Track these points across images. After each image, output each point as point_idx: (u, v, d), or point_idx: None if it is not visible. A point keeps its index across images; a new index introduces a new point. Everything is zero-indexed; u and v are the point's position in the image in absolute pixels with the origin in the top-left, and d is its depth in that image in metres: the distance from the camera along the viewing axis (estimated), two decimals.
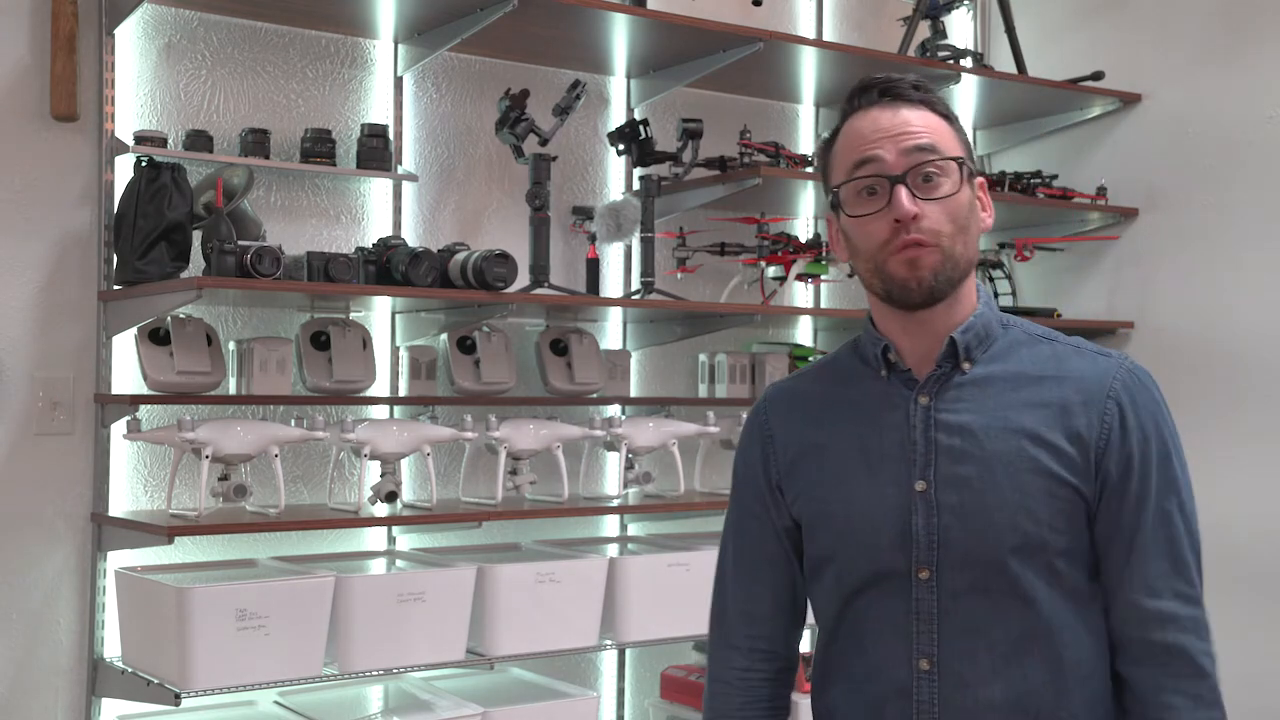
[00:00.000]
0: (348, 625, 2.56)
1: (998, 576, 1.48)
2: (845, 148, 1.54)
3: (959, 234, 1.49)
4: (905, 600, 1.51)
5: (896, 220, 1.47)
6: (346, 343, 2.80)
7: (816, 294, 3.64)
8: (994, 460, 1.48)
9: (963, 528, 1.48)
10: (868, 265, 1.52)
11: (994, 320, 1.57)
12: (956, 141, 1.53)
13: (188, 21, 2.83)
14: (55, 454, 2.66)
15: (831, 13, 3.73)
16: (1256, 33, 3.44)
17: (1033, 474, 1.47)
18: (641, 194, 3.11)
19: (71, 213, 2.68)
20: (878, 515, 1.53)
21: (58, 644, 2.66)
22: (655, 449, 3.12)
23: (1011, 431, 1.49)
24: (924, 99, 1.54)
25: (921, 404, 1.53)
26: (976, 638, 1.49)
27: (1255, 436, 3.36)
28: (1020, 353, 1.55)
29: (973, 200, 1.53)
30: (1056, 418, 1.49)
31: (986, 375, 1.53)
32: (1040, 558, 1.47)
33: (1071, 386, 1.51)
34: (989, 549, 1.47)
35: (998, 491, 1.48)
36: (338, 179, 2.96)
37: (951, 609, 1.49)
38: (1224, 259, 3.48)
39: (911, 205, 1.47)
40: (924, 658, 1.50)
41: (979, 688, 1.48)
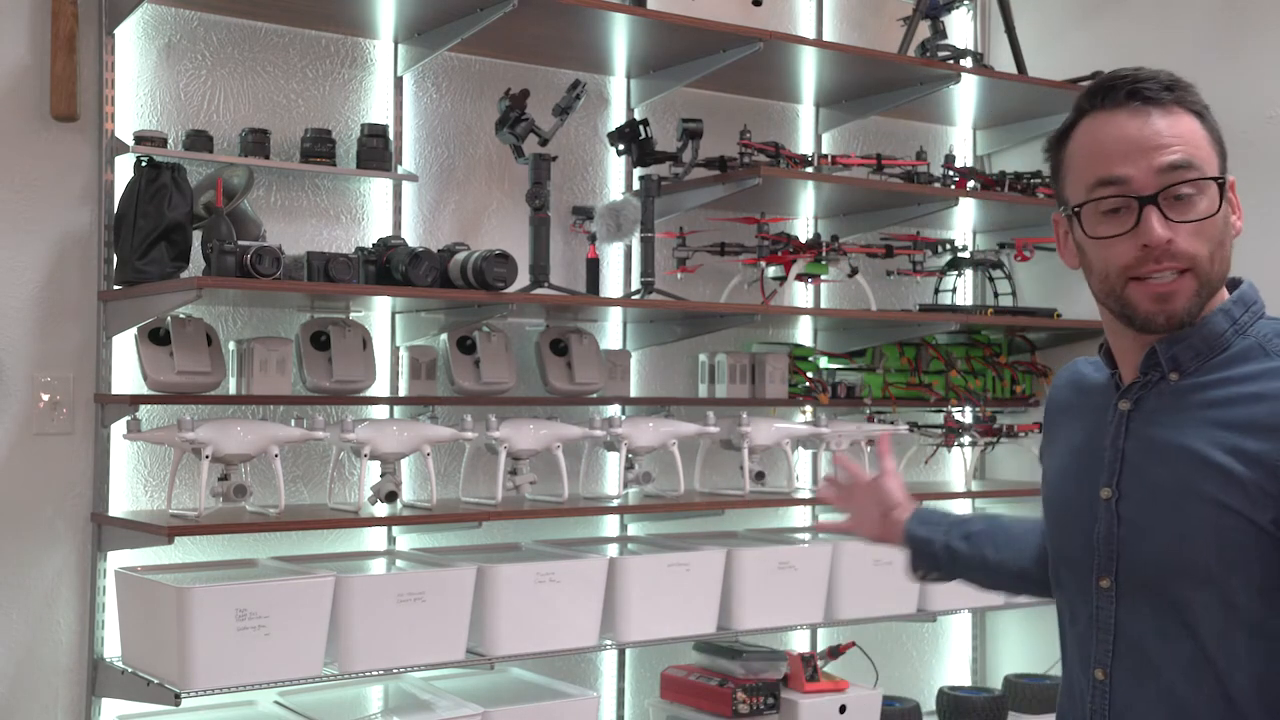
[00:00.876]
0: (348, 625, 2.56)
1: (1164, 600, 1.41)
2: (1085, 157, 1.43)
3: (1215, 253, 1.40)
4: (1088, 605, 1.48)
5: (1145, 246, 1.37)
6: (346, 343, 2.80)
7: (816, 294, 3.64)
8: (1168, 481, 1.41)
9: (1137, 544, 1.43)
10: (1104, 286, 1.43)
11: (1225, 329, 1.44)
12: (1213, 150, 1.42)
13: (188, 21, 2.83)
14: (55, 454, 2.66)
15: (831, 13, 3.73)
16: (1256, 32, 3.44)
17: (1197, 500, 1.37)
18: (641, 194, 3.11)
19: (71, 213, 2.68)
20: (1071, 517, 1.51)
21: (58, 644, 2.66)
22: (655, 449, 3.12)
23: (1184, 451, 1.40)
24: (1176, 99, 1.40)
25: (1120, 410, 1.48)
26: (1146, 658, 1.43)
27: None
28: (1241, 366, 1.41)
29: (1228, 212, 1.42)
30: (1236, 441, 1.37)
31: (1193, 386, 1.43)
32: (1209, 588, 1.38)
33: (1265, 408, 1.37)
34: (1155, 571, 1.41)
35: (1162, 515, 1.41)
36: (338, 179, 2.96)
37: (1127, 623, 1.44)
38: None
39: (1164, 231, 1.36)
40: (1099, 667, 1.46)
41: (1143, 708, 1.43)
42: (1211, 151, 1.41)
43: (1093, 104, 1.43)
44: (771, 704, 3.11)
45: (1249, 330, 1.44)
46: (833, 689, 3.15)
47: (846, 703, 3.14)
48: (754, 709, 3.08)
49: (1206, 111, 1.43)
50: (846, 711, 3.13)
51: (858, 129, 3.74)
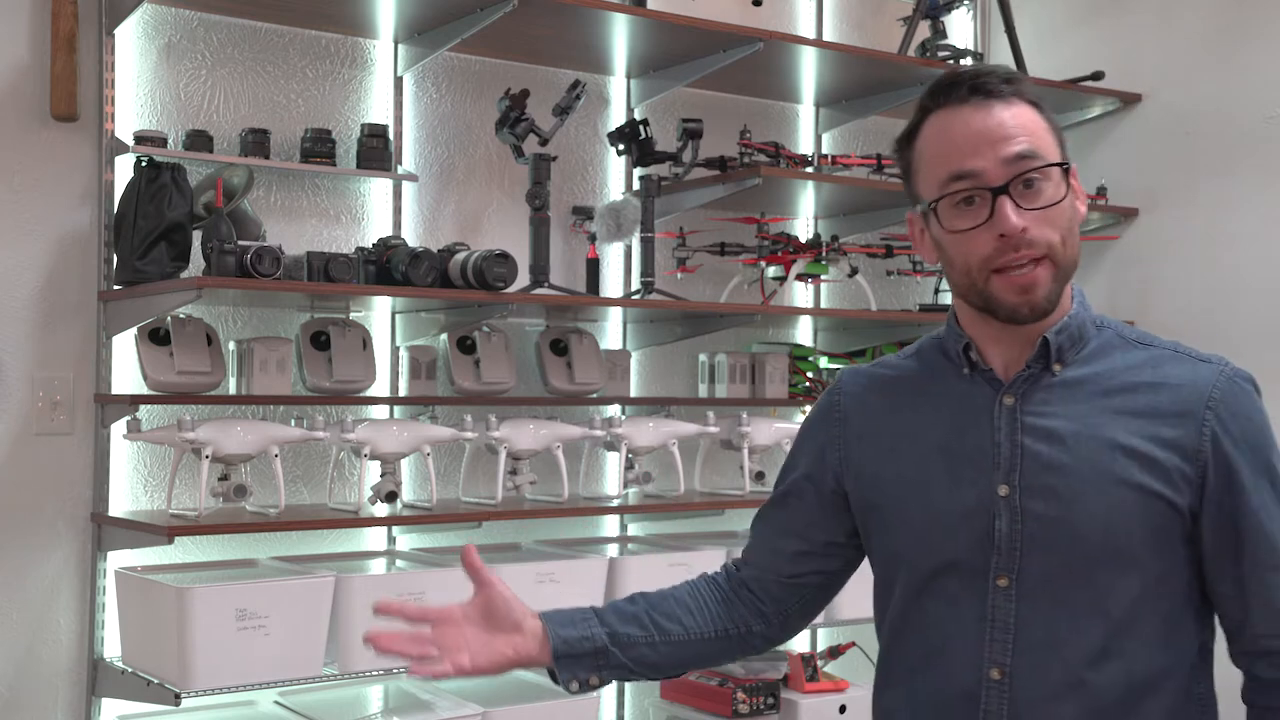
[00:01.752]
0: (348, 625, 2.56)
1: (1082, 590, 1.42)
2: (935, 154, 1.44)
3: (1066, 238, 1.42)
4: (980, 606, 1.45)
5: (1002, 235, 1.39)
6: (346, 343, 2.80)
7: (816, 294, 3.64)
8: (1084, 470, 1.42)
9: (1048, 537, 1.42)
10: (966, 280, 1.44)
11: (1088, 321, 1.49)
12: (1053, 138, 1.44)
13: (188, 21, 2.82)
14: (55, 454, 2.66)
15: (831, 13, 3.73)
16: (1256, 33, 3.44)
17: (1124, 487, 1.40)
18: (641, 194, 3.11)
19: (71, 213, 2.68)
20: (956, 518, 1.47)
21: (58, 644, 2.66)
22: (655, 449, 3.12)
23: (1102, 440, 1.42)
24: (1015, 91, 1.43)
25: (1007, 405, 1.46)
26: (1052, 651, 1.42)
27: None
28: (1114, 356, 1.47)
29: (1071, 201, 1.44)
30: (1150, 428, 1.42)
31: (1078, 378, 1.46)
32: (1130, 573, 1.41)
33: (1167, 394, 1.43)
34: (1075, 562, 1.42)
35: (1085, 503, 1.41)
36: (338, 179, 2.96)
37: (1030, 619, 1.43)
38: (1224, 259, 3.48)
39: (1019, 219, 1.38)
40: (995, 667, 1.44)
41: (1050, 702, 1.43)
42: (1052, 140, 1.44)
43: (936, 102, 1.45)
44: (771, 704, 3.11)
45: (1103, 325, 1.50)
46: (833, 689, 3.15)
47: (846, 703, 3.14)
48: (754, 709, 3.08)
49: (1042, 103, 1.46)
50: (846, 711, 3.13)
51: (858, 129, 3.74)
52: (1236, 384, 1.45)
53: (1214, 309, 3.49)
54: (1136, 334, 1.51)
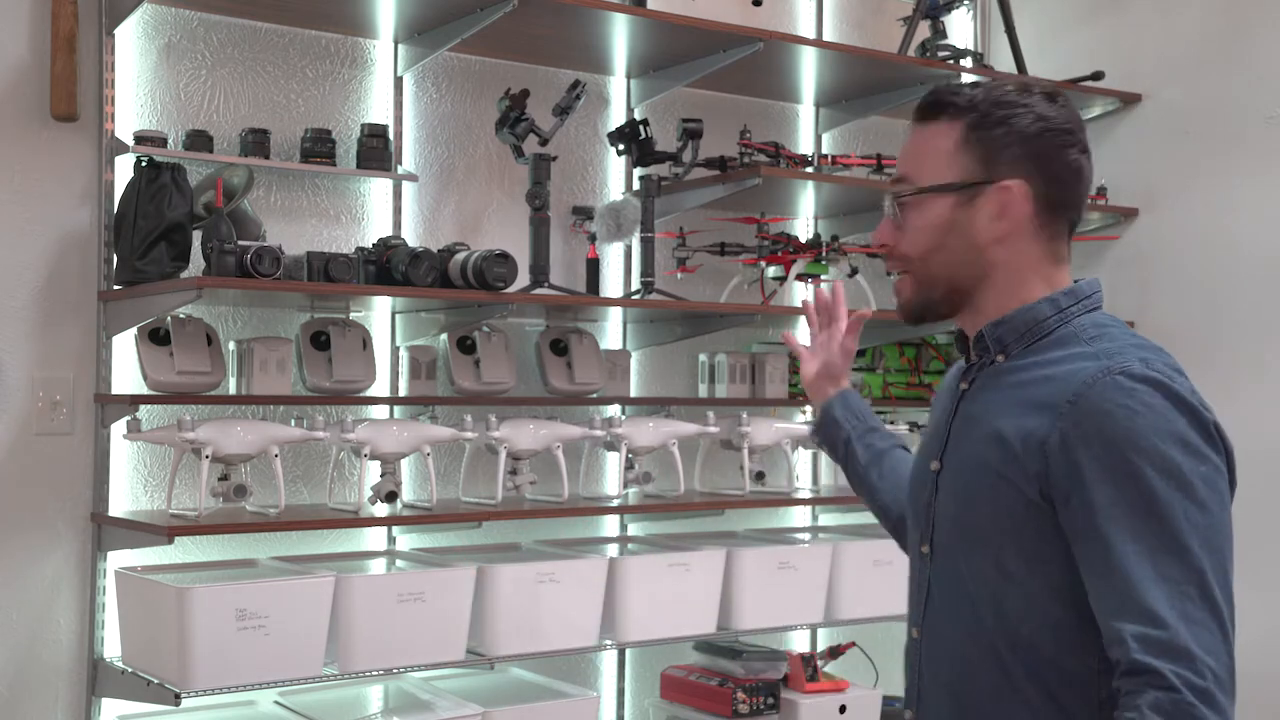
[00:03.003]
0: (348, 625, 2.56)
1: (954, 563, 1.55)
2: None
3: (934, 254, 1.56)
4: (914, 569, 1.63)
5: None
6: (346, 343, 2.80)
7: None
8: (968, 453, 1.55)
9: (945, 512, 1.57)
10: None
11: (1049, 315, 1.53)
12: (957, 159, 1.54)
13: (188, 21, 2.83)
14: (55, 454, 2.66)
15: (831, 13, 3.73)
16: (1256, 32, 3.44)
17: (982, 471, 1.51)
18: (641, 194, 3.11)
19: (71, 213, 2.68)
20: (915, 489, 1.66)
21: (58, 644, 2.66)
22: (655, 449, 3.12)
23: (988, 427, 1.52)
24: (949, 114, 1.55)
25: (961, 389, 1.61)
26: (942, 618, 1.57)
27: (1256, 435, 3.36)
28: (1053, 351, 1.51)
29: (958, 218, 1.55)
30: (1019, 417, 1.47)
31: (1009, 369, 1.55)
32: (981, 552, 1.51)
33: (1049, 387, 1.46)
34: (957, 534, 1.55)
35: (963, 484, 1.55)
36: (338, 179, 2.96)
37: (935, 584, 1.58)
38: (1224, 259, 3.48)
39: (879, 235, 1.61)
40: (915, 626, 1.61)
41: (940, 664, 1.57)
42: (949, 162, 1.54)
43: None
44: (771, 704, 3.11)
45: (1073, 320, 1.53)
46: (833, 689, 3.15)
47: (846, 703, 3.14)
48: (754, 709, 3.08)
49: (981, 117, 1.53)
50: (846, 711, 3.13)
51: (858, 129, 3.74)
52: (1111, 379, 1.41)
53: (1214, 309, 3.49)
54: (1095, 334, 1.50)
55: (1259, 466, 3.37)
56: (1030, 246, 1.54)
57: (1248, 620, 1.51)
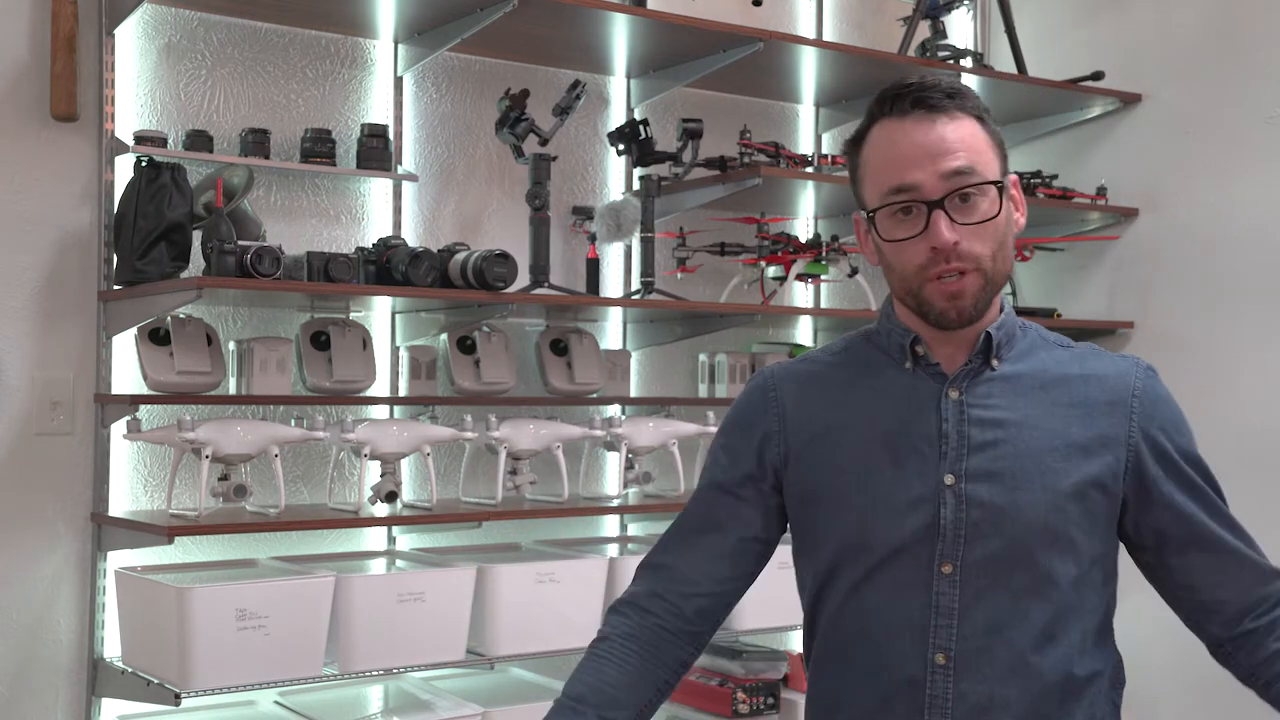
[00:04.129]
0: (348, 625, 2.56)
1: (1024, 574, 1.48)
2: (879, 164, 1.50)
3: (998, 253, 1.49)
4: (924, 593, 1.49)
5: (934, 248, 1.45)
6: (346, 343, 2.80)
7: (816, 294, 3.64)
8: (1027, 458, 1.49)
9: (992, 523, 1.48)
10: (904, 285, 1.51)
11: (1016, 323, 1.58)
12: (993, 153, 1.50)
13: (188, 21, 2.83)
14: (55, 454, 2.66)
15: (831, 13, 3.73)
16: (1256, 33, 3.44)
17: (1065, 474, 1.48)
18: (641, 194, 3.11)
19: (71, 213, 2.68)
20: (902, 507, 1.50)
21: (58, 644, 2.66)
22: (655, 449, 3.12)
23: (1043, 430, 1.50)
24: (959, 106, 1.49)
25: (953, 398, 1.52)
26: (995, 635, 1.48)
27: (1255, 435, 3.36)
28: (1041, 354, 1.56)
29: (1009, 212, 1.51)
30: (1085, 418, 1.51)
31: (1015, 373, 1.54)
32: (1069, 557, 1.48)
33: (1096, 386, 1.53)
34: (1017, 546, 1.48)
35: (1029, 489, 1.48)
36: (338, 179, 2.96)
37: (973, 605, 1.48)
38: (1224, 259, 3.48)
39: (951, 234, 1.45)
40: (940, 652, 1.48)
41: (995, 685, 1.48)
42: (993, 155, 1.50)
43: (882, 111, 1.51)
44: (771, 704, 3.11)
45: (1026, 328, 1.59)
46: None
47: None
48: (754, 709, 3.08)
49: (987, 115, 1.52)
50: None
51: None
52: (1152, 375, 1.56)
53: (1214, 309, 3.49)
54: (1055, 337, 1.61)
55: (1260, 467, 3.37)
56: None
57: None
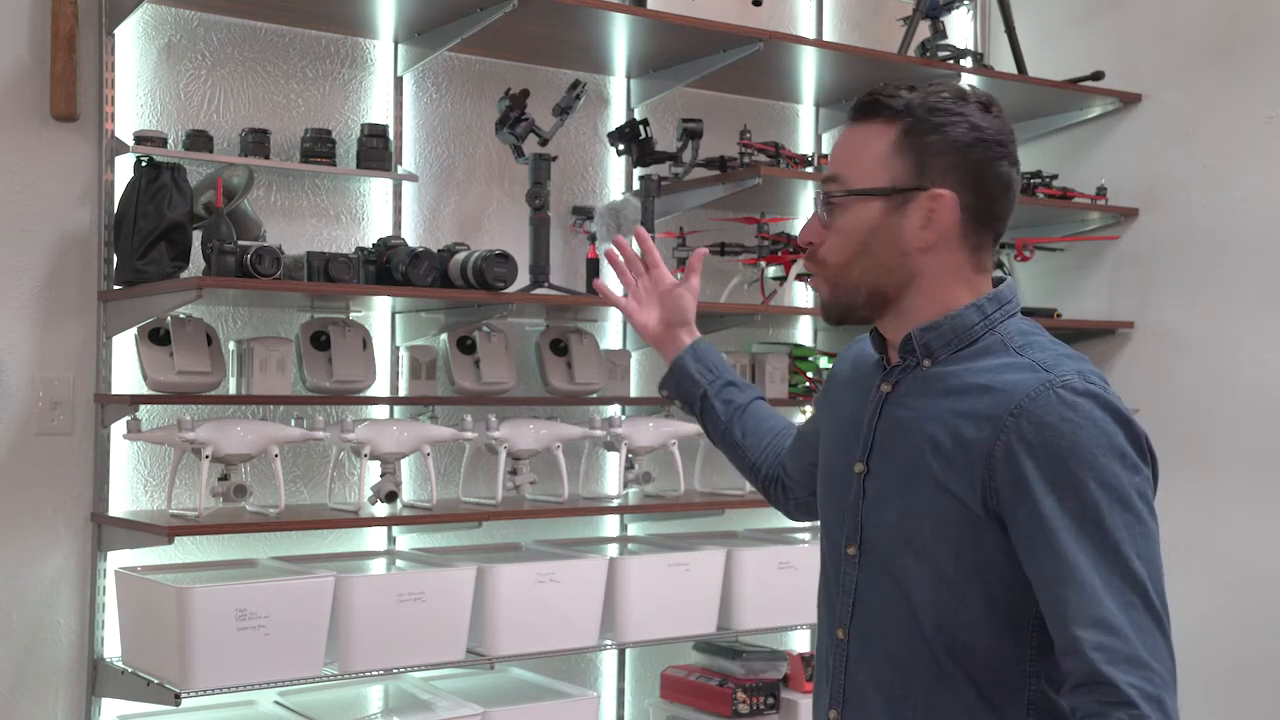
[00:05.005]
0: (348, 625, 2.56)
1: (895, 569, 1.52)
2: None
3: (856, 259, 1.53)
4: (837, 570, 1.59)
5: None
6: (346, 343, 2.80)
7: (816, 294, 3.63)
8: (901, 460, 1.52)
9: (875, 515, 1.55)
10: None
11: (976, 322, 1.52)
12: (885, 162, 1.50)
13: (188, 21, 2.83)
14: (55, 454, 2.66)
15: (831, 13, 3.73)
16: (1256, 33, 3.44)
17: (922, 480, 1.49)
18: (641, 194, 3.11)
19: (71, 213, 2.68)
20: (832, 487, 1.63)
21: (58, 644, 2.66)
22: (655, 449, 3.12)
23: (922, 435, 1.50)
24: (881, 112, 1.53)
25: (882, 391, 1.58)
26: (875, 620, 1.55)
27: (1256, 435, 3.36)
28: (983, 359, 1.50)
29: (886, 223, 1.50)
30: (960, 427, 1.46)
31: (938, 374, 1.52)
32: (923, 563, 1.49)
33: (990, 398, 1.45)
34: (889, 541, 1.53)
35: (895, 491, 1.53)
36: (338, 179, 2.96)
37: (864, 588, 1.56)
38: (1224, 259, 3.48)
39: (805, 235, 1.57)
40: (840, 626, 1.58)
41: (871, 667, 1.55)
42: (880, 164, 1.51)
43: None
44: (771, 704, 3.11)
45: (998, 327, 1.53)
46: None
47: None
48: (754, 709, 3.08)
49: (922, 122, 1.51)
50: None
51: None
52: (1054, 393, 1.41)
53: (1214, 309, 3.49)
54: (1023, 342, 1.51)
55: (1259, 467, 3.37)
56: (955, 255, 1.52)
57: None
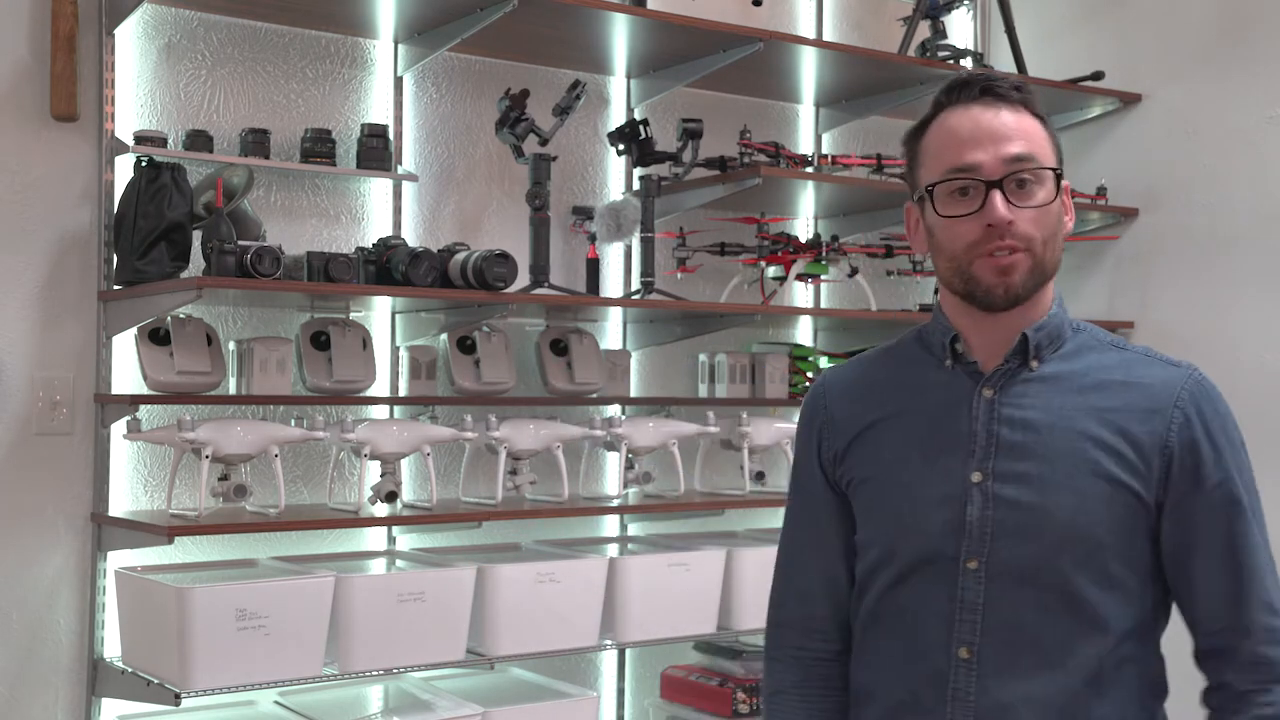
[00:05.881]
0: (348, 625, 2.56)
1: (1049, 574, 1.49)
2: (941, 144, 1.54)
3: (1049, 240, 1.51)
4: (950, 587, 1.52)
5: (989, 225, 1.49)
6: (346, 343, 2.80)
7: (816, 294, 3.64)
8: (1055, 459, 1.50)
9: (1017, 523, 1.50)
10: (950, 264, 1.53)
11: (1065, 323, 1.58)
12: (1052, 148, 1.54)
13: (188, 21, 2.83)
14: (55, 454, 2.66)
15: (831, 13, 3.73)
16: (1256, 33, 3.44)
17: (1093, 476, 1.49)
18: (641, 194, 3.11)
19: (71, 213, 2.68)
20: (932, 502, 1.54)
21: (58, 644, 2.66)
22: (655, 449, 3.12)
23: (1075, 433, 1.50)
24: (1023, 100, 1.54)
25: (986, 396, 1.54)
26: (1019, 631, 1.49)
27: (1256, 435, 3.36)
28: (1089, 357, 1.56)
29: (1061, 207, 1.54)
30: (1121, 423, 1.50)
31: (1055, 374, 1.54)
32: (1095, 560, 1.49)
33: (1138, 393, 1.52)
34: (1043, 546, 1.49)
35: (1056, 491, 1.49)
36: (338, 179, 2.96)
37: (997, 600, 1.50)
38: (1224, 259, 3.48)
39: (1006, 211, 1.48)
40: (964, 646, 1.51)
41: (1018, 681, 1.49)
42: (1050, 149, 1.54)
43: (950, 99, 1.55)
44: None
45: (1080, 329, 1.59)
46: None
47: None
48: (754, 709, 3.08)
49: (1047, 118, 1.56)
50: None
51: (858, 129, 3.74)
52: (1205, 385, 1.54)
53: (1213, 309, 3.49)
54: (1111, 338, 1.60)
55: (1260, 467, 3.37)
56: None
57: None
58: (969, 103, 1.53)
